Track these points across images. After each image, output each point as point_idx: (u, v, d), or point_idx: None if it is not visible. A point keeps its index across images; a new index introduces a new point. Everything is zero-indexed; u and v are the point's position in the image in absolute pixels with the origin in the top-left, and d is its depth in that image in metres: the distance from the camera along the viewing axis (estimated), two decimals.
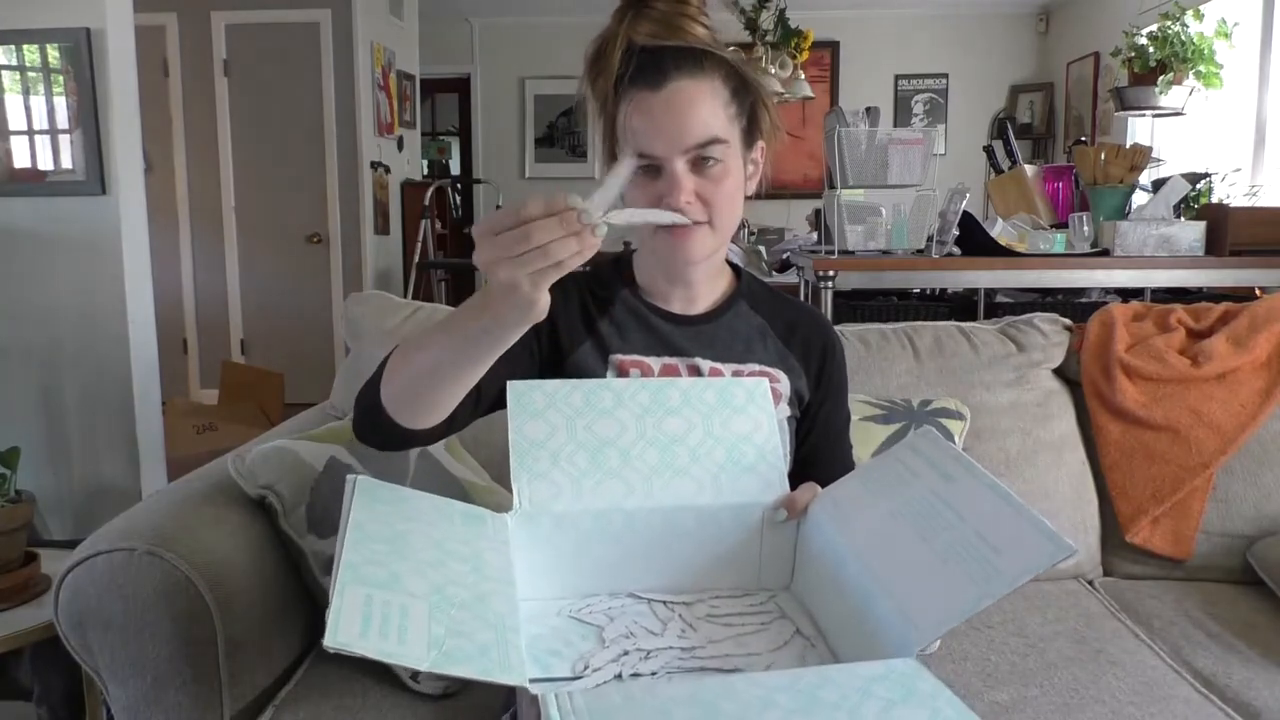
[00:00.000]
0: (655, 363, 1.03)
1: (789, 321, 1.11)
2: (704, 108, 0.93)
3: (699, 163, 0.94)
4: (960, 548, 0.73)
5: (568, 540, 0.87)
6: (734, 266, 1.13)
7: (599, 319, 1.05)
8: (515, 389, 0.92)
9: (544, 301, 0.70)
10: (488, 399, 0.95)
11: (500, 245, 0.65)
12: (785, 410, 1.05)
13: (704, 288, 1.07)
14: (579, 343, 1.03)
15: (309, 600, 1.29)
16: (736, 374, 1.04)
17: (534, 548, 0.86)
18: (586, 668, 0.76)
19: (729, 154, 0.96)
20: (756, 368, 1.05)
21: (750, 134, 1.00)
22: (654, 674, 0.76)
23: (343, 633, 0.60)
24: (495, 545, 0.81)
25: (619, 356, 1.03)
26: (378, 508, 0.77)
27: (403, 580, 0.68)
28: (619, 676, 0.76)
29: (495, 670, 0.63)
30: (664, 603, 0.88)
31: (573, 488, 0.88)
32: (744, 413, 0.95)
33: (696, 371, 1.03)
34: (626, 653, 0.78)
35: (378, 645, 0.60)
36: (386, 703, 1.17)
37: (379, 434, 0.90)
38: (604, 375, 1.02)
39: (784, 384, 1.06)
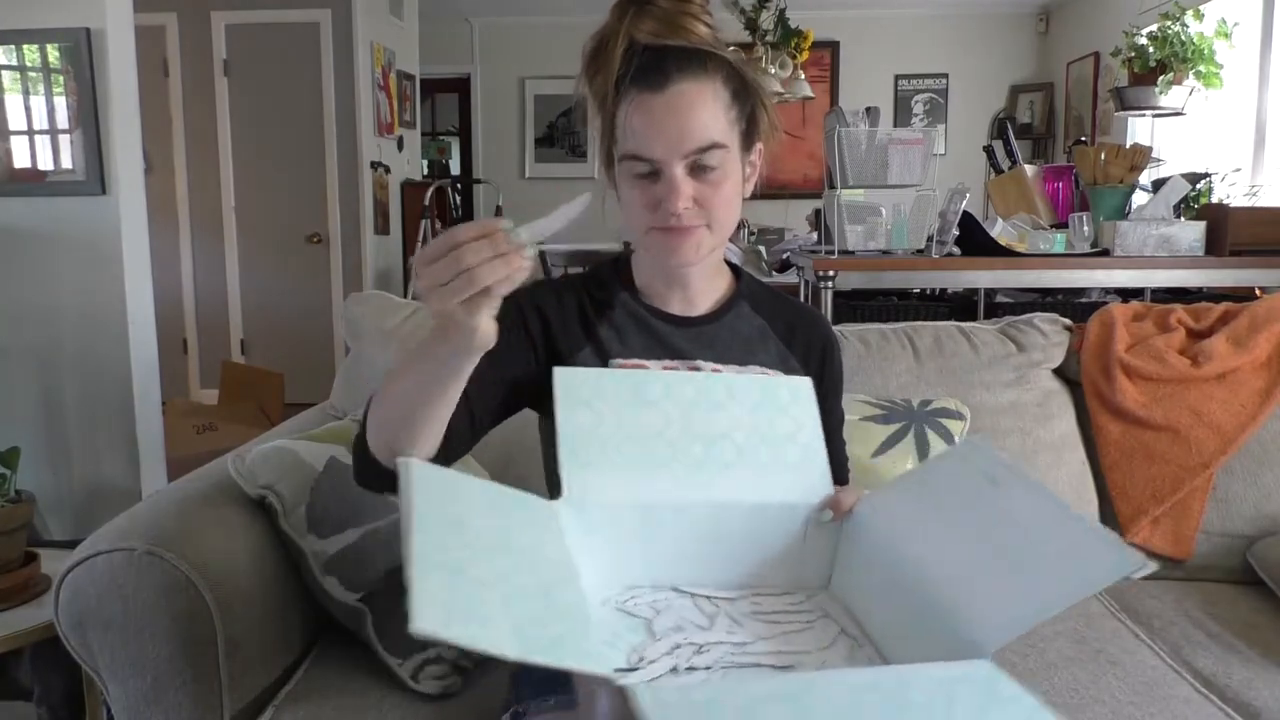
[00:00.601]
0: (655, 366, 1.02)
1: (789, 322, 1.10)
2: (705, 111, 0.93)
3: (697, 167, 0.93)
4: (1020, 555, 0.72)
5: (615, 531, 0.86)
6: (733, 267, 1.12)
7: (597, 323, 1.04)
8: (563, 376, 0.91)
9: (485, 329, 0.70)
10: (484, 419, 0.95)
11: (433, 274, 0.66)
12: None
13: (702, 288, 1.07)
14: (578, 348, 1.02)
15: (309, 600, 1.29)
16: None
17: (580, 536, 0.85)
18: (641, 660, 0.75)
19: (728, 158, 0.95)
20: (758, 370, 1.04)
21: (749, 136, 0.99)
22: (708, 668, 0.76)
23: (428, 619, 0.57)
24: (551, 535, 0.80)
25: (619, 361, 1.02)
26: (435, 492, 0.74)
27: (473, 568, 0.67)
28: (674, 670, 0.75)
29: (586, 660, 0.62)
30: (708, 598, 0.87)
31: (621, 479, 0.87)
32: (788, 413, 0.94)
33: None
34: (679, 646, 0.78)
35: (463, 630, 0.58)
36: (386, 703, 1.17)
37: (378, 480, 0.88)
38: None
39: None
